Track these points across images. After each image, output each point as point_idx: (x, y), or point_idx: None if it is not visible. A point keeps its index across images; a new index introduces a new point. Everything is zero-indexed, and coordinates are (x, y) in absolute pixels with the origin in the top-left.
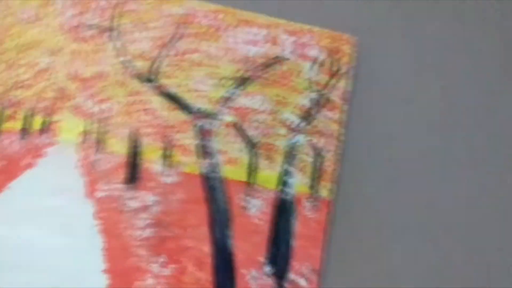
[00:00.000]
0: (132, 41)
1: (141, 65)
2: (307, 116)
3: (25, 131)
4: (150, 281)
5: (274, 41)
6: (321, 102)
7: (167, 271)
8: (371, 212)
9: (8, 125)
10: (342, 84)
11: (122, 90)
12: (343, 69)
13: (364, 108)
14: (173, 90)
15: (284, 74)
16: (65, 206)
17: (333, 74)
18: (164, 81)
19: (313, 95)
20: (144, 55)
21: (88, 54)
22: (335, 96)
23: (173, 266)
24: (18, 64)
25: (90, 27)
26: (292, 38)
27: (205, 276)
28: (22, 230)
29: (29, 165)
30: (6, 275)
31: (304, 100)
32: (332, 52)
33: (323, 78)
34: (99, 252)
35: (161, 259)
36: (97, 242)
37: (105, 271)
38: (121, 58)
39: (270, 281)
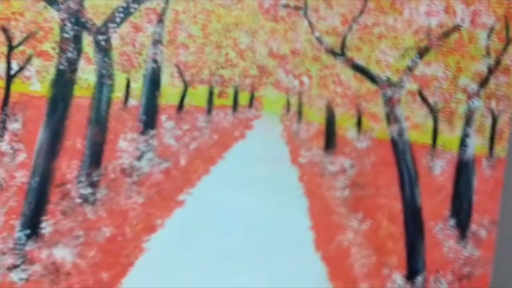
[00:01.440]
0: (321, 18)
1: (331, 40)
2: (483, 81)
3: (234, 106)
4: (350, 235)
5: (450, 11)
6: (496, 67)
7: (364, 226)
8: None
9: (219, 101)
10: None
11: (316, 64)
12: None
13: None
14: (361, 62)
15: (461, 42)
16: (273, 172)
17: (508, 40)
18: (352, 54)
19: (489, 61)
20: (333, 30)
21: (283, 32)
22: (509, 60)
23: (369, 221)
24: (223, 45)
25: (283, 6)
26: (468, 7)
27: (398, 229)
28: (237, 195)
29: (239, 137)
30: (224, 235)
31: (481, 66)
32: (506, 19)
33: (498, 44)
34: (304, 212)
35: (359, 216)
36: (303, 203)
37: (311, 228)
38: (314, 35)
39: (454, 232)
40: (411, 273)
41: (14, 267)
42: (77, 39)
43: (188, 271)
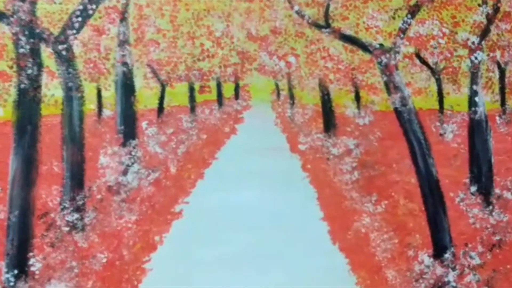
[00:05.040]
0: None
1: (313, 12)
2: (483, 32)
3: (219, 100)
4: (366, 220)
5: None
6: (495, 15)
7: (380, 208)
8: None
9: (202, 97)
10: None
11: (301, 41)
12: None
13: None
14: (349, 31)
15: None
16: (273, 165)
17: None
18: (338, 24)
19: (487, 9)
20: (314, 1)
21: (260, 11)
22: (508, 6)
23: (385, 202)
24: (196, 35)
25: None
26: None
27: (417, 206)
28: (237, 195)
29: (230, 132)
30: (231, 241)
31: (478, 16)
32: None
33: None
34: (314, 202)
35: (373, 198)
36: (310, 192)
37: (323, 218)
38: (294, 9)
39: (477, 200)
40: (438, 250)
41: None
42: (35, 53)
43: (196, 286)
